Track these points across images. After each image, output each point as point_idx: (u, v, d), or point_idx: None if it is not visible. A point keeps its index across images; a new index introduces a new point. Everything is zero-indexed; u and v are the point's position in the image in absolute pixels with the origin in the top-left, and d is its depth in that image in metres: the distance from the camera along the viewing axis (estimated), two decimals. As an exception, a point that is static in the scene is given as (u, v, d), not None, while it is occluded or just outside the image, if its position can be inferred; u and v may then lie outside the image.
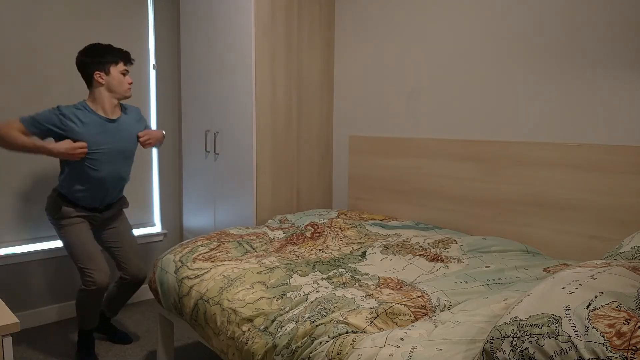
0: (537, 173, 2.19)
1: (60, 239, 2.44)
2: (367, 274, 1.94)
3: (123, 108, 2.49)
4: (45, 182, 2.92)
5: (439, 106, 2.59)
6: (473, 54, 2.43)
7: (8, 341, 1.31)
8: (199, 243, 2.23)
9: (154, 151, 3.38)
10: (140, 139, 2.48)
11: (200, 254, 2.14)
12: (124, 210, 2.67)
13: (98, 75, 2.33)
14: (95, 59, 2.33)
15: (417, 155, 2.68)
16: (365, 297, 1.64)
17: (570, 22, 2.08)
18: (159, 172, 3.42)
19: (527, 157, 2.22)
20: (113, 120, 2.39)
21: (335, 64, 3.16)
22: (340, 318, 1.47)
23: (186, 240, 2.31)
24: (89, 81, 2.37)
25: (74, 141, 2.27)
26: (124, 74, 2.39)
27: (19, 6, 2.75)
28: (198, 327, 1.91)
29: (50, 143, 2.25)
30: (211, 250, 2.18)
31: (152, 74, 3.32)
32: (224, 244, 2.25)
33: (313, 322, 1.51)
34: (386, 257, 2.12)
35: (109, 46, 2.39)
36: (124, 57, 2.41)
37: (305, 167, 3.07)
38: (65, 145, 2.23)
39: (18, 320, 1.31)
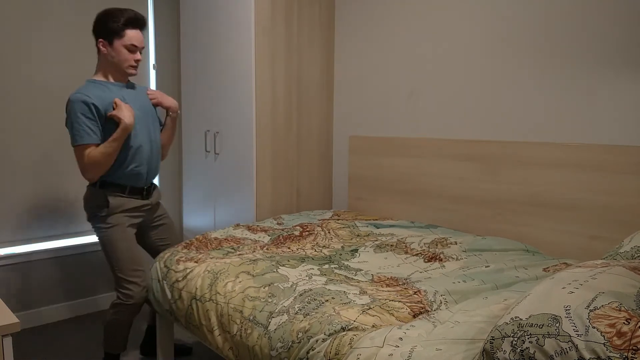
0: (537, 173, 2.19)
1: (101, 241, 2.18)
2: (360, 270, 1.93)
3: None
4: (46, 181, 2.92)
5: (439, 106, 2.59)
6: (473, 54, 2.43)
7: (8, 341, 1.31)
8: (179, 248, 2.24)
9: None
10: (150, 95, 2.32)
11: (183, 256, 2.13)
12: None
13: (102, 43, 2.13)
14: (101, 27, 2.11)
15: (417, 155, 2.68)
16: (359, 293, 1.63)
17: (570, 22, 2.08)
18: (159, 172, 3.41)
19: (527, 157, 2.22)
20: (130, 85, 2.25)
21: (335, 64, 3.16)
22: (333, 313, 1.47)
23: (169, 250, 2.28)
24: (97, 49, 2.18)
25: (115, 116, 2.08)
26: (130, 50, 2.16)
27: (18, 5, 2.75)
28: (194, 328, 1.90)
29: (117, 130, 2.08)
30: (192, 257, 2.15)
31: (152, 74, 3.32)
32: (205, 248, 2.24)
33: (306, 315, 1.50)
34: (380, 255, 2.11)
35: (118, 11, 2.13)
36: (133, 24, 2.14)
37: (305, 167, 3.07)
38: (127, 113, 2.07)
39: (18, 320, 1.31)
